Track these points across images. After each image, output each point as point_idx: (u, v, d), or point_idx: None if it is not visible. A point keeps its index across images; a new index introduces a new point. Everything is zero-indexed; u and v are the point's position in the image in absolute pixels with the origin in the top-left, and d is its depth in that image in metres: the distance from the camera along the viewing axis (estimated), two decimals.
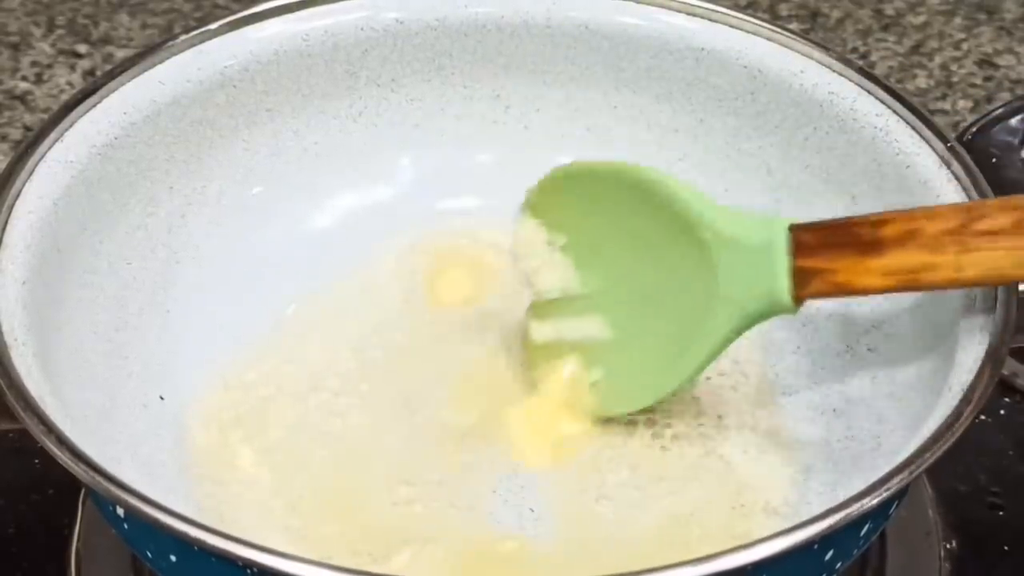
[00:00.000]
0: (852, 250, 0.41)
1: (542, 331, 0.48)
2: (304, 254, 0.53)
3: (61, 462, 0.37)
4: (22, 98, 0.70)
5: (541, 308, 0.48)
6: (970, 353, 0.41)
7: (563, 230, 0.47)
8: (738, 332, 0.44)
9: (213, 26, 0.51)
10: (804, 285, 0.42)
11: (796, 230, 0.42)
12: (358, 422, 0.48)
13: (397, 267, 0.53)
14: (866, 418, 0.46)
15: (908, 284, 0.41)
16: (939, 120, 0.51)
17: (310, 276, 0.52)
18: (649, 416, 0.48)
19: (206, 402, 0.48)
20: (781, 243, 0.42)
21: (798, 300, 0.42)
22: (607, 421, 0.47)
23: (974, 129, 0.60)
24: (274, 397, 0.48)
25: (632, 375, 0.46)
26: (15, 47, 0.73)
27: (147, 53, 0.50)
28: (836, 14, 0.77)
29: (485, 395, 0.48)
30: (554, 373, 0.47)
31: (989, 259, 0.40)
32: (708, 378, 0.49)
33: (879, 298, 0.48)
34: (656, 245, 0.45)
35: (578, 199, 0.46)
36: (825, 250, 0.41)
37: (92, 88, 0.48)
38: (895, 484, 0.37)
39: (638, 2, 0.53)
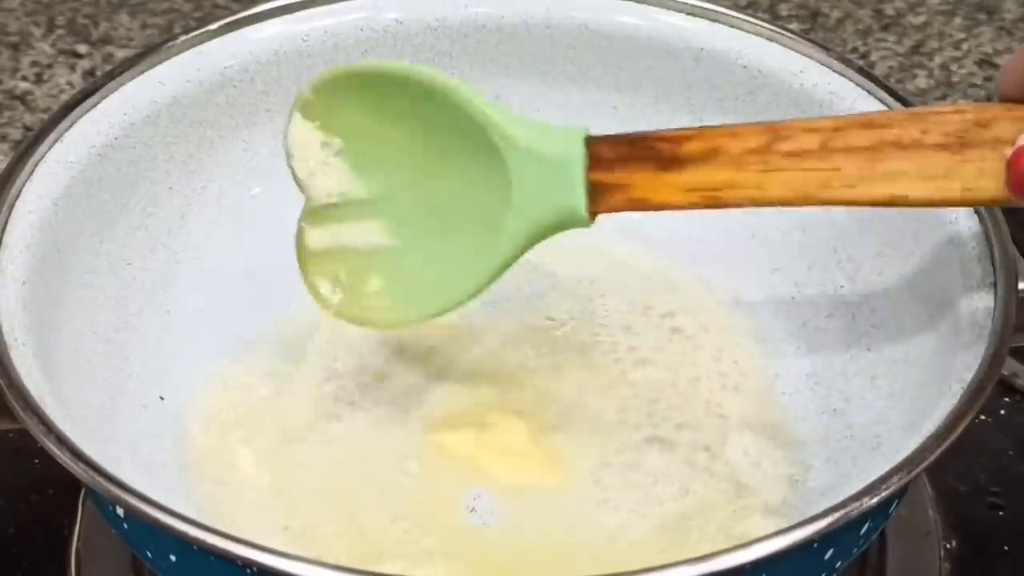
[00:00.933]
0: (651, 165, 0.40)
1: (318, 237, 0.45)
2: None
3: (61, 462, 0.37)
4: (22, 98, 0.70)
5: (316, 214, 0.45)
6: (970, 353, 0.41)
7: (340, 133, 0.44)
8: (532, 243, 0.43)
9: (213, 26, 0.51)
10: (600, 200, 0.41)
11: (594, 143, 0.41)
12: (357, 423, 0.48)
13: None
14: (866, 418, 0.46)
15: (709, 202, 0.40)
16: None
17: None
18: (649, 415, 0.48)
19: (206, 402, 0.48)
20: (577, 155, 0.41)
21: (593, 215, 0.41)
22: (604, 423, 0.47)
23: None
24: (273, 398, 0.48)
25: (419, 283, 0.45)
26: (15, 47, 0.73)
27: (147, 53, 0.50)
28: (836, 14, 0.77)
29: (485, 395, 0.48)
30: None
31: (793, 179, 0.40)
32: (707, 379, 0.49)
33: (880, 297, 0.48)
34: (446, 151, 0.43)
35: (359, 101, 0.44)
36: (622, 164, 0.41)
37: (92, 88, 0.48)
38: (895, 484, 0.37)
39: (638, 2, 0.53)
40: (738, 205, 0.41)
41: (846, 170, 0.39)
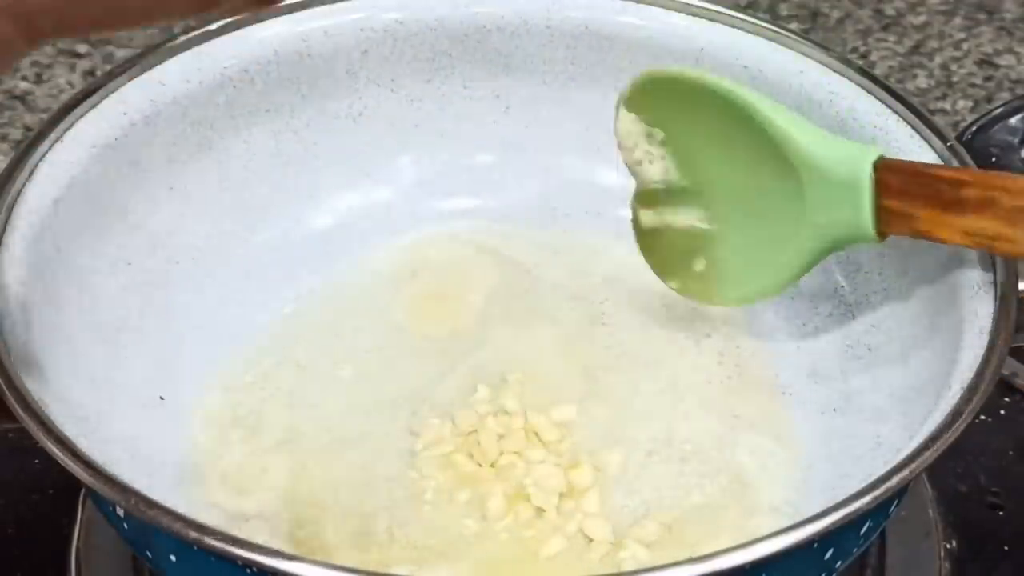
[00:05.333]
0: (935, 203, 0.42)
1: (649, 217, 0.49)
2: (304, 254, 0.53)
3: (61, 462, 0.37)
4: (22, 98, 0.70)
5: (645, 197, 0.49)
6: (970, 353, 0.41)
7: (661, 125, 0.48)
8: (827, 252, 0.46)
9: (213, 26, 0.51)
10: (888, 223, 0.44)
11: (882, 170, 0.43)
12: (356, 423, 0.48)
13: (397, 267, 0.53)
14: (866, 418, 0.46)
15: (986, 247, 0.42)
16: (939, 120, 0.51)
17: (309, 276, 0.52)
18: (651, 416, 0.48)
19: (205, 403, 0.48)
20: (865, 180, 0.43)
21: (882, 234, 0.44)
22: (605, 424, 0.47)
23: (974, 129, 0.60)
24: (273, 398, 0.48)
25: (732, 271, 0.48)
26: None
27: (147, 53, 0.50)
28: (836, 14, 0.77)
29: (492, 395, 0.48)
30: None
31: None
32: (708, 379, 0.49)
33: (879, 297, 0.48)
34: (749, 158, 0.46)
35: (674, 101, 0.47)
36: (909, 196, 0.43)
37: (92, 88, 0.48)
38: (895, 483, 0.37)
39: (638, 2, 0.53)
40: (1009, 256, 0.43)
41: None
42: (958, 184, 0.42)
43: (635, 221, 0.50)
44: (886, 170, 0.43)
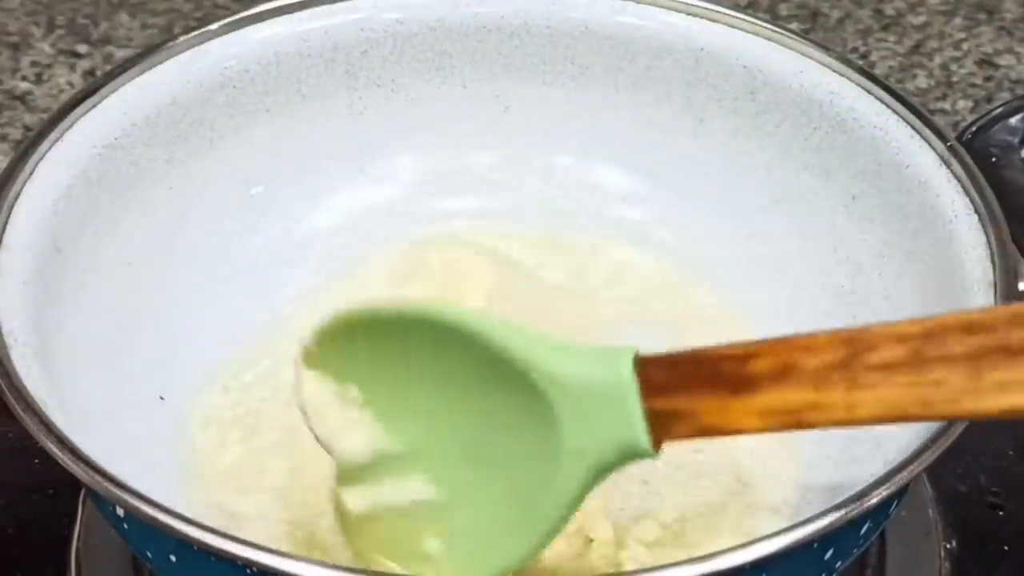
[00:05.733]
0: (718, 388, 0.35)
1: (357, 500, 0.40)
2: (304, 254, 0.53)
3: (61, 462, 0.37)
4: (22, 98, 0.70)
5: (349, 474, 0.40)
6: None
7: (353, 380, 0.39)
8: (597, 480, 0.37)
9: (213, 26, 0.51)
10: (665, 429, 0.36)
11: (645, 366, 0.36)
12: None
13: (396, 267, 0.53)
14: None
15: (793, 425, 0.35)
16: (939, 120, 0.51)
17: (309, 276, 0.52)
18: None
19: (205, 403, 0.48)
20: (628, 382, 0.35)
21: (659, 444, 0.36)
22: None
23: (974, 129, 0.60)
24: (272, 398, 0.48)
25: (474, 542, 0.38)
26: (15, 47, 0.73)
27: (147, 53, 0.50)
28: (836, 14, 0.77)
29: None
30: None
31: (886, 397, 0.34)
32: None
33: (879, 297, 0.48)
34: (478, 393, 0.38)
35: (368, 345, 0.39)
36: (683, 389, 0.35)
37: (92, 88, 0.48)
38: (895, 483, 0.37)
39: (638, 2, 0.53)
40: (828, 426, 0.35)
41: (949, 383, 0.33)
42: (744, 359, 0.35)
43: (339, 510, 0.40)
44: (650, 366, 0.36)
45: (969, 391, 0.33)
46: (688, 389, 0.35)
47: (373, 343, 0.39)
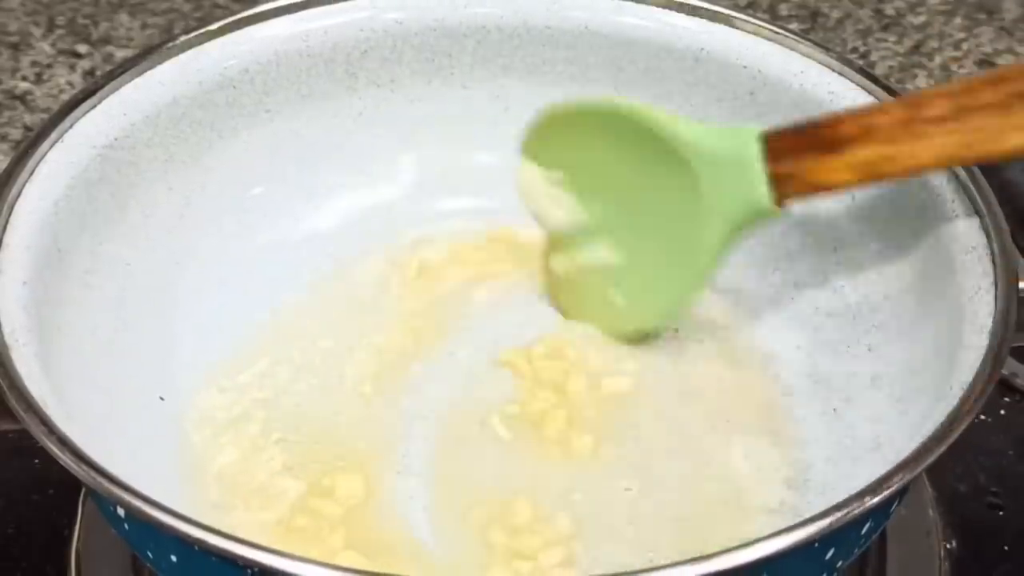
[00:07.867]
0: (817, 149, 0.44)
1: (560, 262, 0.50)
2: (304, 254, 0.53)
3: (62, 463, 0.37)
4: (22, 98, 0.70)
5: (555, 242, 0.50)
6: (970, 353, 0.41)
7: (559, 167, 0.49)
8: (730, 239, 0.46)
9: (213, 26, 0.51)
10: (783, 189, 0.44)
11: (769, 137, 0.44)
12: (355, 424, 0.48)
13: (396, 268, 0.53)
14: (866, 418, 0.46)
15: (874, 175, 0.44)
16: None
17: (309, 276, 0.52)
18: (651, 417, 0.48)
19: (205, 403, 0.48)
20: (753, 152, 0.44)
21: (780, 203, 0.45)
22: (605, 425, 0.47)
23: None
24: (271, 398, 0.48)
25: (646, 294, 0.49)
26: (15, 47, 0.73)
27: (147, 53, 0.50)
28: (836, 14, 0.77)
29: (487, 397, 0.48)
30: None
31: (940, 145, 0.42)
32: (707, 380, 0.49)
33: (880, 297, 0.48)
34: (645, 169, 0.47)
35: (569, 136, 0.48)
36: (794, 153, 0.44)
37: (92, 88, 0.48)
38: (895, 483, 0.37)
39: (638, 2, 0.53)
40: (899, 175, 0.44)
41: (985, 128, 0.42)
42: (835, 123, 0.44)
43: (548, 270, 0.51)
44: (771, 138, 0.44)
45: (1003, 131, 0.42)
46: (797, 153, 0.44)
47: (572, 134, 0.48)
